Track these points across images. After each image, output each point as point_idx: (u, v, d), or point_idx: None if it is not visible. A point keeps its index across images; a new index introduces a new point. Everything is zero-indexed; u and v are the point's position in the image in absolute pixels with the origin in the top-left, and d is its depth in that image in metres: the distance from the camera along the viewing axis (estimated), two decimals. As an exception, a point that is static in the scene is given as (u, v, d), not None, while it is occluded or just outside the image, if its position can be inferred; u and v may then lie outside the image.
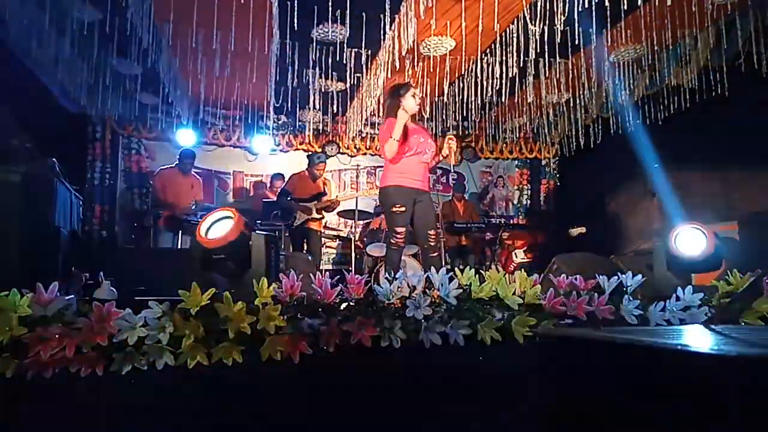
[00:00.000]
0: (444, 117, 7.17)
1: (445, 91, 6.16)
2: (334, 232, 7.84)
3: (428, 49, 5.49)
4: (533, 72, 5.86)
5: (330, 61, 5.57)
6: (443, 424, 2.11)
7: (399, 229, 3.89)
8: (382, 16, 4.61)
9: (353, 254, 6.87)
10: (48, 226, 3.06)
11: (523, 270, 2.59)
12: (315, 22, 4.99)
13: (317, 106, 6.70)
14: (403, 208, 3.86)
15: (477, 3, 4.61)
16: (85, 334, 1.85)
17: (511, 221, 8.81)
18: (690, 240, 2.86)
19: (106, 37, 4.92)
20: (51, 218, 3.09)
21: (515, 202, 9.17)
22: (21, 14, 4.46)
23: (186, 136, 7.37)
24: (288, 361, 1.99)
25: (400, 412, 2.10)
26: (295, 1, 4.49)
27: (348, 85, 6.30)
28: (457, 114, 6.97)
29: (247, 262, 2.37)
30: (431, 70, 5.84)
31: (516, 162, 9.15)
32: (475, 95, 5.99)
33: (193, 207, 6.46)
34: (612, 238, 8.23)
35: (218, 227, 2.32)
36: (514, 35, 4.93)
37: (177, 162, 6.83)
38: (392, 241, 3.92)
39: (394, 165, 3.94)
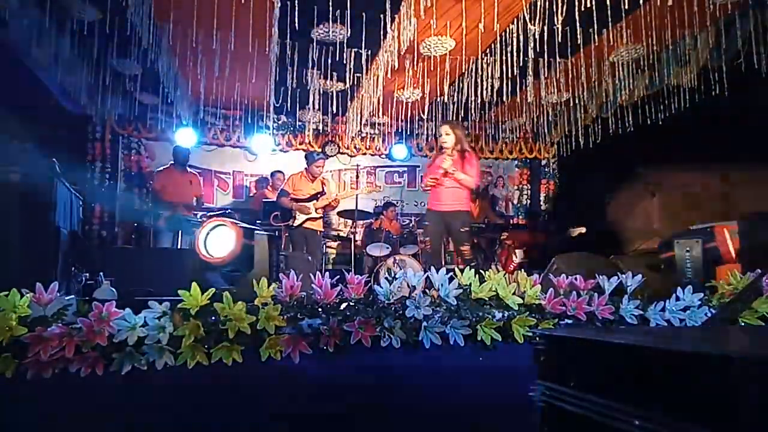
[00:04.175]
0: (443, 117, 7.16)
1: (445, 91, 6.15)
2: (334, 232, 7.84)
3: (428, 49, 5.48)
4: (533, 72, 5.86)
5: (330, 61, 5.56)
6: (443, 424, 2.11)
7: None
8: (382, 16, 4.60)
9: (353, 254, 6.86)
10: (48, 226, 3.05)
11: (523, 270, 2.59)
12: (315, 22, 4.98)
13: (317, 106, 6.68)
14: None
15: (477, 3, 4.61)
16: (85, 334, 1.85)
17: (511, 221, 8.81)
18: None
19: (106, 37, 4.92)
20: (51, 218, 3.08)
21: (515, 202, 9.17)
22: (21, 14, 4.46)
23: (186, 136, 7.37)
24: (288, 361, 1.99)
25: (399, 411, 2.10)
26: (295, 1, 4.49)
27: (348, 85, 6.29)
28: (456, 114, 6.96)
29: (249, 264, 2.38)
30: (431, 70, 5.83)
31: (516, 162, 9.14)
32: (475, 95, 5.98)
33: (194, 204, 6.51)
34: (612, 238, 8.23)
35: (218, 239, 2.30)
36: (514, 35, 4.93)
37: (172, 160, 6.87)
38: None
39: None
